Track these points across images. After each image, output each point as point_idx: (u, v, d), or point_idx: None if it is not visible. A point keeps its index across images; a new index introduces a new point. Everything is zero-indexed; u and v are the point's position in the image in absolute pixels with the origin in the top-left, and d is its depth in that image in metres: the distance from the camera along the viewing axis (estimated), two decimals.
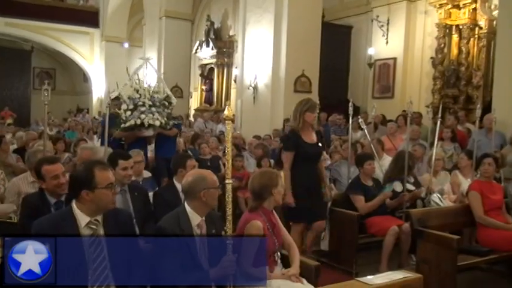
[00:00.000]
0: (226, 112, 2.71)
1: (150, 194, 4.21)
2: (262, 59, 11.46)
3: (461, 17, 10.60)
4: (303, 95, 11.22)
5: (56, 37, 21.03)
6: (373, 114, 7.91)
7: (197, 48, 16.33)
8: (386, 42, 12.07)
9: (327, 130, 9.71)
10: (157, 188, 4.70)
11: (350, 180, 5.72)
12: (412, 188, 5.43)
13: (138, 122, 6.01)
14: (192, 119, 14.95)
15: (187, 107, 17.29)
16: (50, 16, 20.26)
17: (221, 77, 15.87)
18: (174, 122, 6.52)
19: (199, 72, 16.71)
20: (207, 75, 16.52)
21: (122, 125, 6.06)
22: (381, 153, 6.84)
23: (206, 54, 16.05)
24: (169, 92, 6.60)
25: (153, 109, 6.14)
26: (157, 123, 6.09)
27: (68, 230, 2.44)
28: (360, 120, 7.21)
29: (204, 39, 16.01)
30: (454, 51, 10.78)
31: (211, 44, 15.68)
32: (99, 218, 2.54)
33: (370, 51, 12.37)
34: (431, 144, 6.47)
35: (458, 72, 10.64)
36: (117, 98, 6.71)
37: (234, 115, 14.11)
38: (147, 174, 5.32)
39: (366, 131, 7.01)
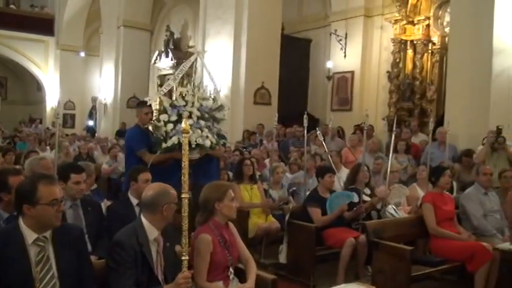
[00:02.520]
0: (183, 125, 2.69)
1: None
2: (222, 70, 11.48)
3: (416, 33, 11.00)
4: (263, 107, 11.36)
5: (9, 45, 20.38)
6: (330, 126, 8.06)
7: (156, 59, 16.22)
8: (345, 56, 12.36)
9: (286, 143, 9.83)
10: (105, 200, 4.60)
11: (308, 192, 5.79)
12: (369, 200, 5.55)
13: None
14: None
15: None
16: (2, 23, 19.59)
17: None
18: (223, 141, 5.05)
19: (158, 82, 16.47)
20: None
21: (163, 145, 4.45)
22: (339, 166, 6.98)
23: (165, 64, 15.95)
24: (221, 100, 4.93)
25: (202, 123, 4.57)
26: (208, 143, 4.56)
27: (14, 246, 2.34)
28: (318, 132, 7.34)
29: (163, 50, 15.93)
30: (409, 65, 11.16)
31: (170, 54, 15.61)
32: (48, 234, 2.45)
33: (329, 64, 12.63)
34: (387, 157, 6.63)
35: (413, 86, 11.01)
36: (144, 103, 5.02)
37: None
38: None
39: (323, 143, 7.14)
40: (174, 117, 4.52)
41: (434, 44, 10.89)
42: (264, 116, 10.70)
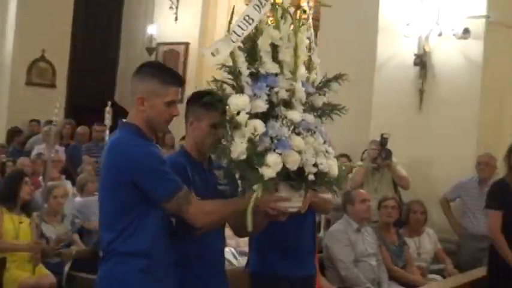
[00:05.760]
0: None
1: None
2: None
3: None
4: (43, 90, 11.10)
5: None
6: None
7: None
8: (176, 19, 12.50)
9: (76, 148, 9.80)
10: None
11: None
12: None
13: (294, 165, 2.94)
14: None
15: None
16: None
17: None
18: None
19: None
20: None
21: (264, 171, 2.89)
22: None
23: None
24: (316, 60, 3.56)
25: (309, 119, 3.16)
26: (335, 171, 3.18)
27: None
28: None
29: None
30: None
31: None
32: None
33: (151, 29, 12.70)
34: None
35: None
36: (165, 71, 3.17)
37: None
38: None
39: None
40: (261, 103, 3.06)
41: (304, 11, 11.50)
42: (44, 104, 10.40)
